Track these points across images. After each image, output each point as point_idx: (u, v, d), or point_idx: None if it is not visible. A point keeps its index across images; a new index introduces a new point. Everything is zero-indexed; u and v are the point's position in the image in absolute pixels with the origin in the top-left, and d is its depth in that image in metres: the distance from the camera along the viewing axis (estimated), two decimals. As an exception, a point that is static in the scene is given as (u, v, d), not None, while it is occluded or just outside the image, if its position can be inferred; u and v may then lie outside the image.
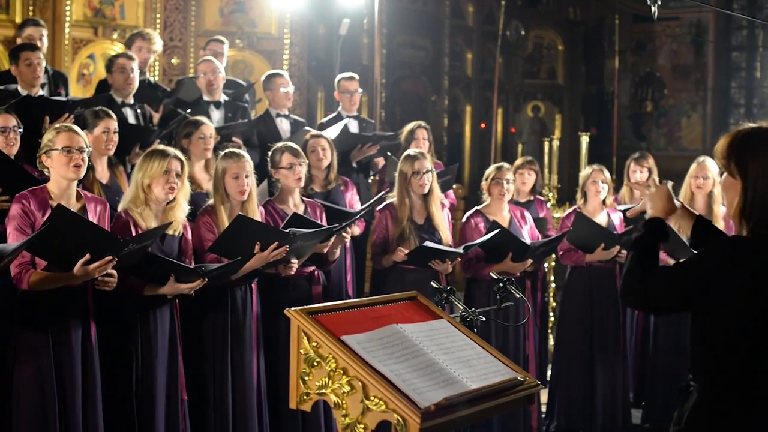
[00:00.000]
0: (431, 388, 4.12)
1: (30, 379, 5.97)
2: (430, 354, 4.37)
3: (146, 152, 6.70)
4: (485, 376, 4.41)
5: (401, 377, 4.12)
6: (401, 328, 4.46)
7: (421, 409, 3.98)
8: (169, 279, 6.39)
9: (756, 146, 3.84)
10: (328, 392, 4.23)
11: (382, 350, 4.26)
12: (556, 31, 21.53)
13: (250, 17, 14.55)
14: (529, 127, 21.28)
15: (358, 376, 4.12)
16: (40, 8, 13.04)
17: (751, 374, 3.76)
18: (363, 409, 4.12)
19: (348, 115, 10.19)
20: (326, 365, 4.23)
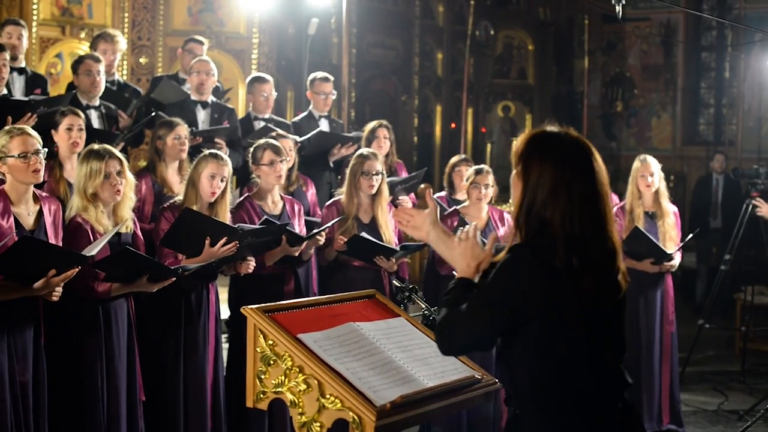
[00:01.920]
0: (387, 386, 4.13)
1: None
2: (387, 352, 4.37)
3: (81, 157, 6.59)
4: (442, 374, 4.41)
5: (357, 375, 4.12)
6: (358, 327, 4.46)
7: (376, 407, 3.98)
8: (138, 277, 6.37)
9: (542, 153, 3.69)
10: (284, 391, 4.23)
11: (339, 348, 4.27)
12: (526, 31, 21.55)
13: (219, 16, 14.52)
14: (500, 127, 21.30)
15: (314, 374, 4.13)
16: (7, 7, 12.98)
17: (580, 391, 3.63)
18: (319, 407, 4.12)
19: (320, 115, 10.19)
20: (282, 364, 4.23)
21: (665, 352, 9.01)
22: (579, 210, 3.60)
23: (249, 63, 14.46)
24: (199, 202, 7.07)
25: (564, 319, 3.60)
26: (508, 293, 3.60)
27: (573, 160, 3.66)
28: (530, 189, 3.65)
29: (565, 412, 3.64)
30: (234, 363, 7.65)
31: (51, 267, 5.74)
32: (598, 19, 21.13)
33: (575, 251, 3.56)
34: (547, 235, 3.60)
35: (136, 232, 6.73)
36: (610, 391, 3.69)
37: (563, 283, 3.57)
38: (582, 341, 3.62)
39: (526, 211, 3.65)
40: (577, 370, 3.63)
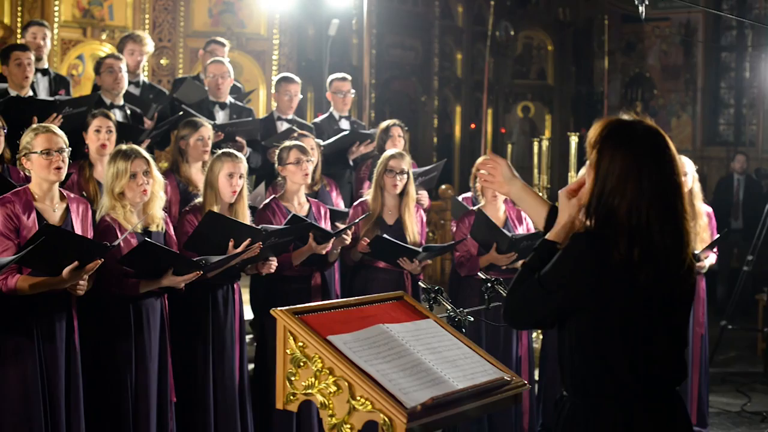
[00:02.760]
0: (417, 388, 4.11)
1: (15, 383, 5.95)
2: (416, 354, 4.36)
3: (109, 157, 6.67)
4: (472, 375, 4.40)
5: (387, 377, 4.11)
6: (388, 328, 4.45)
7: (407, 409, 3.97)
8: (165, 273, 6.38)
9: (614, 142, 3.69)
10: (314, 392, 4.22)
11: (369, 350, 4.25)
12: (545, 32, 21.52)
13: (239, 18, 14.54)
14: (519, 128, 21.28)
15: (344, 376, 4.12)
16: (29, 9, 13.03)
17: (622, 382, 3.67)
18: (349, 409, 4.11)
19: (340, 116, 10.20)
20: (312, 365, 4.22)
21: (695, 354, 8.95)
22: (647, 201, 3.60)
23: (270, 64, 14.47)
24: (219, 202, 7.09)
25: (612, 312, 3.64)
26: (558, 281, 3.66)
27: (645, 149, 3.67)
28: (600, 177, 3.66)
29: (608, 402, 3.70)
30: (260, 364, 7.67)
31: (74, 258, 5.77)
32: (618, 19, 21.09)
33: (637, 243, 3.57)
34: (613, 224, 3.61)
35: (168, 231, 6.78)
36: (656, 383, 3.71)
37: (617, 276, 3.60)
38: (629, 335, 3.65)
39: (596, 199, 3.66)
40: (621, 362, 3.66)
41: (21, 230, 5.92)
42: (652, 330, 3.67)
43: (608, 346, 3.67)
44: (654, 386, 3.71)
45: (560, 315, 3.73)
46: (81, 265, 5.81)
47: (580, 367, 3.75)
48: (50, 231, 5.72)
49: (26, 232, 5.83)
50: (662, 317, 3.68)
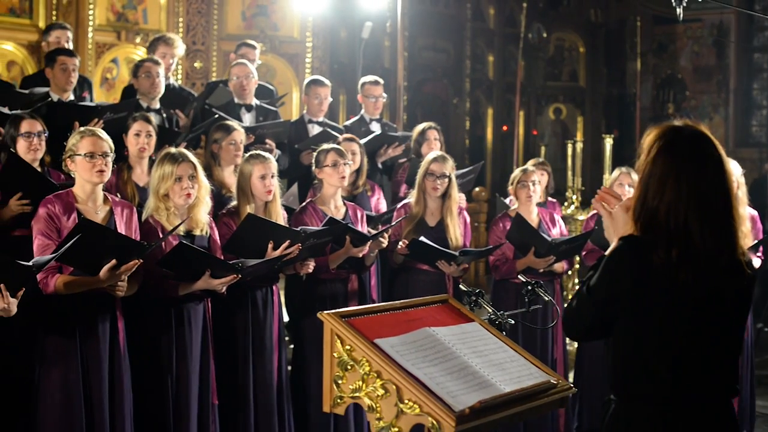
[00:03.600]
0: (465, 392, 4.12)
1: (56, 384, 5.98)
2: (463, 357, 4.36)
3: (157, 160, 6.71)
4: (518, 379, 4.40)
5: (435, 380, 4.11)
6: (434, 332, 4.45)
7: (455, 413, 3.97)
8: (202, 275, 6.41)
9: (657, 146, 3.70)
10: (362, 396, 4.22)
11: (416, 353, 4.26)
12: (577, 34, 21.48)
13: (273, 21, 14.57)
14: (551, 130, 21.24)
15: (392, 379, 4.12)
16: (63, 13, 13.09)
17: (661, 387, 3.66)
18: (397, 412, 4.11)
19: (371, 119, 10.20)
20: (360, 369, 4.22)
21: (740, 358, 8.86)
22: (685, 202, 3.60)
23: (303, 67, 14.50)
24: (253, 203, 7.11)
25: (652, 316, 3.64)
26: (601, 286, 3.69)
27: (685, 151, 3.67)
28: (643, 181, 3.68)
29: (649, 407, 3.68)
30: (296, 366, 7.68)
31: (112, 257, 5.80)
32: (650, 20, 21.03)
33: (676, 244, 3.58)
34: (654, 228, 3.63)
35: (212, 236, 6.79)
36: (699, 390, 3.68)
37: (656, 279, 3.60)
38: (669, 339, 3.64)
39: (639, 205, 3.68)
40: (662, 367, 3.65)
41: (62, 231, 5.95)
42: (695, 335, 3.66)
43: (649, 350, 3.67)
44: (697, 393, 3.69)
45: (608, 321, 3.74)
46: (119, 264, 5.84)
47: (622, 370, 3.75)
48: (88, 225, 5.76)
49: (67, 233, 5.86)
50: (706, 322, 3.66)
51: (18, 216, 6.77)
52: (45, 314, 5.97)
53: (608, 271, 3.70)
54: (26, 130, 6.96)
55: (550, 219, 8.58)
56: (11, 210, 6.73)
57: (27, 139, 6.95)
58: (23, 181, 6.73)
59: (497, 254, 8.27)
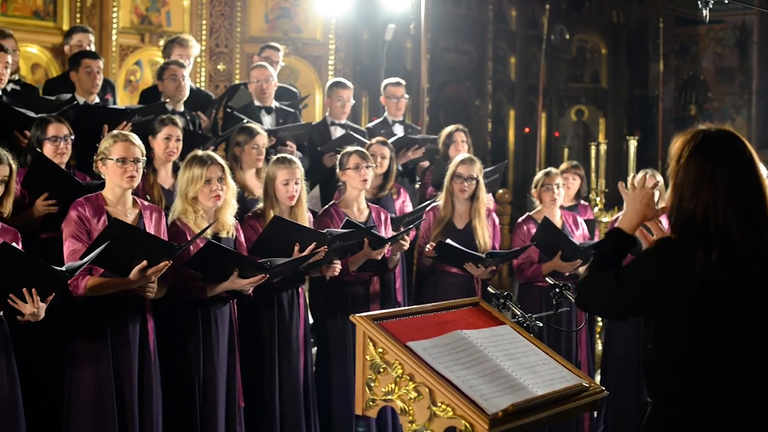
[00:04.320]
0: (498, 395, 4.12)
1: (88, 386, 6.02)
2: (495, 360, 4.36)
3: (185, 162, 6.72)
4: (550, 382, 4.40)
5: (468, 383, 4.12)
6: (466, 334, 4.46)
7: (488, 416, 3.98)
8: (230, 276, 6.40)
9: (688, 150, 3.75)
10: (394, 398, 4.23)
11: (448, 356, 4.26)
12: (599, 35, 21.42)
13: (296, 23, 14.57)
14: (573, 132, 21.19)
15: (425, 382, 4.13)
16: (87, 15, 13.12)
17: (696, 389, 3.68)
18: (430, 415, 4.12)
19: (394, 120, 10.22)
20: (392, 371, 4.23)
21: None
22: (723, 201, 3.63)
23: (326, 69, 14.50)
24: (278, 207, 7.12)
25: (689, 319, 3.66)
26: (633, 280, 3.74)
27: (717, 151, 3.70)
28: (677, 187, 3.72)
29: (685, 411, 3.71)
30: (321, 367, 7.68)
31: (142, 258, 5.82)
32: (671, 21, 20.95)
33: (715, 245, 3.60)
34: (692, 231, 3.65)
35: (238, 238, 6.81)
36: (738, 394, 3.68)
37: (695, 283, 3.62)
38: (705, 342, 3.67)
39: (675, 210, 3.72)
40: (698, 370, 3.68)
41: (92, 233, 5.98)
42: (731, 336, 3.66)
43: (684, 352, 3.69)
44: (733, 395, 3.68)
45: (632, 312, 3.85)
46: (149, 265, 5.85)
47: (658, 373, 3.78)
48: (119, 226, 5.79)
49: (97, 235, 5.88)
50: (743, 323, 3.66)
51: (45, 218, 6.79)
52: (75, 316, 5.99)
53: (643, 269, 3.74)
54: (53, 134, 6.99)
55: (573, 221, 8.59)
56: (38, 211, 6.75)
57: (53, 143, 6.97)
58: (49, 182, 6.75)
59: (522, 257, 8.28)
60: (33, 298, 5.35)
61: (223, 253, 6.34)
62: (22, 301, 5.34)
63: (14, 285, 5.34)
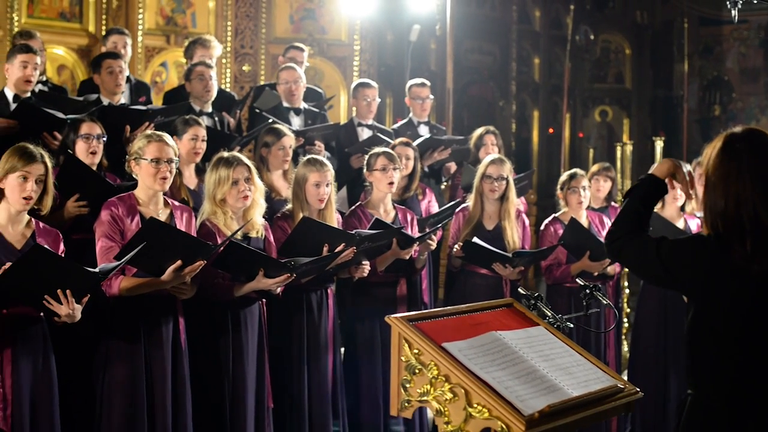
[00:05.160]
0: (533, 396, 4.12)
1: (120, 385, 6.05)
2: (530, 361, 4.36)
3: (212, 164, 6.73)
4: (586, 383, 4.39)
5: (503, 384, 4.11)
6: (501, 335, 4.45)
7: (525, 417, 3.97)
8: (256, 276, 6.40)
9: (717, 150, 3.84)
10: (429, 399, 4.22)
11: (483, 357, 4.26)
12: (623, 35, 21.36)
13: (320, 24, 14.58)
14: (597, 132, 21.14)
15: (460, 383, 4.12)
16: (113, 17, 13.18)
17: (733, 380, 3.73)
18: (466, 416, 4.11)
19: (419, 121, 10.22)
20: (428, 372, 4.22)
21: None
22: (751, 191, 3.72)
23: (351, 70, 14.49)
24: (307, 209, 7.11)
25: (726, 310, 3.73)
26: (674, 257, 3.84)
27: (743, 147, 3.79)
28: (709, 186, 3.82)
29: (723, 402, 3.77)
30: (348, 368, 7.69)
31: (177, 257, 5.85)
32: (695, 22, 20.88)
33: (750, 235, 3.69)
34: (726, 225, 3.74)
35: (267, 238, 6.82)
36: None
37: (733, 275, 3.70)
38: (741, 332, 3.73)
39: (709, 208, 3.80)
40: (736, 362, 3.74)
41: (125, 233, 6.01)
42: None
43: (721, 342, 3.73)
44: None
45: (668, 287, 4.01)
46: (183, 265, 5.86)
47: (698, 363, 3.83)
48: (156, 225, 5.81)
49: (130, 235, 5.90)
50: None
51: (76, 219, 6.81)
52: (108, 316, 6.01)
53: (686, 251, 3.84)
54: (85, 132, 7.03)
55: (600, 221, 8.60)
56: (68, 212, 6.78)
57: (86, 141, 7.01)
58: (81, 183, 6.77)
59: (550, 259, 8.27)
60: (68, 300, 5.39)
61: (247, 253, 6.35)
62: (57, 303, 5.38)
63: (49, 287, 5.38)
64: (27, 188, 5.66)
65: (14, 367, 5.64)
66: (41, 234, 5.80)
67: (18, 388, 5.65)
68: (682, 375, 8.77)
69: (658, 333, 8.85)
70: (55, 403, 5.83)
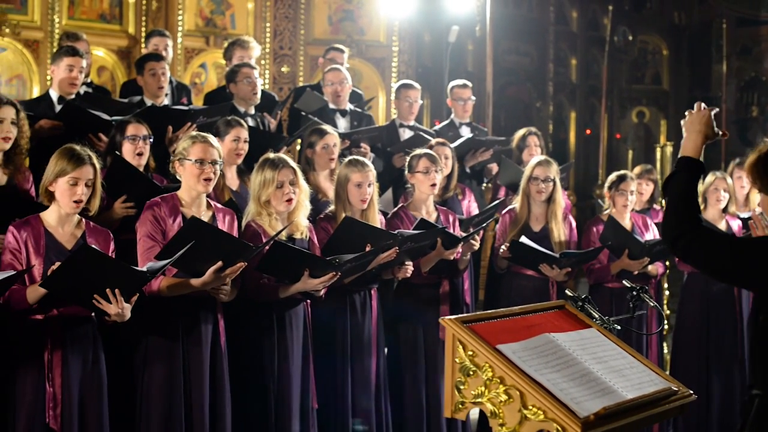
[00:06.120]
0: (588, 398, 4.10)
1: (158, 385, 6.06)
2: (584, 363, 4.34)
3: (257, 165, 6.71)
4: (639, 385, 4.37)
5: (558, 386, 4.10)
6: (554, 337, 4.44)
7: (580, 419, 3.96)
8: (301, 276, 6.41)
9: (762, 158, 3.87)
10: (484, 401, 4.21)
11: (537, 359, 4.25)
12: (660, 36, 21.30)
13: (359, 25, 14.58)
14: (634, 133, 21.10)
15: (515, 385, 4.11)
16: (153, 19, 13.24)
17: None
18: (521, 418, 4.10)
19: (461, 123, 10.21)
20: (482, 374, 4.21)
21: None
22: None
23: (389, 71, 14.48)
24: (350, 210, 7.11)
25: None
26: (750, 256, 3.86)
27: None
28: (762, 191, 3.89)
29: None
30: (391, 369, 7.69)
31: (218, 258, 5.84)
32: (733, 22, 20.79)
33: None
34: None
35: (312, 239, 6.81)
36: None
37: None
38: None
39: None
40: None
41: (167, 233, 6.01)
42: None
43: None
44: None
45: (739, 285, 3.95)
46: (224, 266, 5.87)
47: (760, 362, 3.83)
48: (199, 225, 5.82)
49: (172, 236, 5.91)
50: None
51: (123, 220, 6.83)
52: (149, 316, 6.02)
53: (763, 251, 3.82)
54: (132, 134, 7.02)
55: (643, 224, 8.57)
56: (116, 213, 6.78)
57: (132, 142, 7.01)
58: (128, 184, 6.78)
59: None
60: (117, 299, 5.42)
61: (292, 253, 6.34)
62: (106, 302, 5.41)
63: (98, 286, 5.41)
64: (77, 192, 5.69)
65: (64, 367, 5.68)
66: (91, 234, 5.83)
67: (67, 388, 5.69)
68: (724, 376, 8.76)
69: (700, 334, 8.83)
70: (104, 402, 5.86)
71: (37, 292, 5.49)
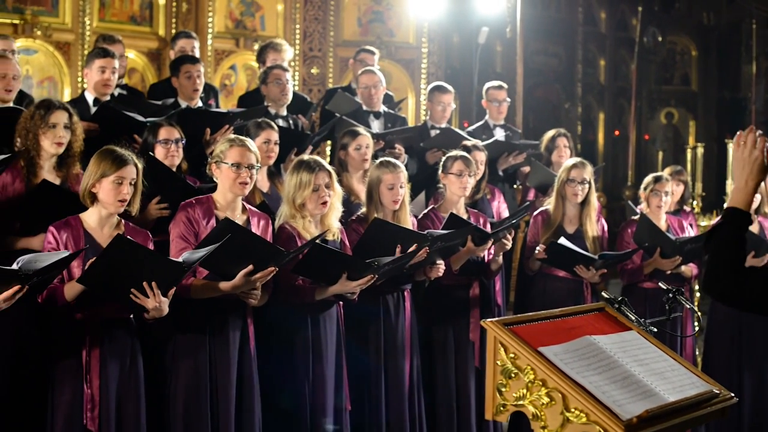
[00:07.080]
0: (630, 401, 4.09)
1: (184, 387, 6.08)
2: (625, 366, 4.33)
3: (292, 167, 6.71)
4: (681, 388, 4.36)
5: (600, 389, 4.09)
6: (595, 340, 4.44)
7: (623, 422, 3.95)
8: (339, 278, 6.41)
9: None
10: (526, 404, 4.21)
11: (579, 362, 4.24)
12: (689, 37, 21.23)
13: (389, 27, 14.57)
14: (663, 134, 21.03)
15: (558, 387, 4.11)
16: (183, 20, 13.26)
17: None
18: (563, 421, 4.10)
19: (495, 124, 10.21)
20: (524, 377, 4.21)
21: None
22: None
23: (418, 73, 14.46)
24: (381, 212, 7.11)
25: None
26: None
27: None
28: None
29: None
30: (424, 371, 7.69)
31: (249, 262, 5.85)
32: (762, 22, 20.71)
33: None
34: None
35: (343, 241, 6.82)
36: None
37: None
38: None
39: None
40: None
41: (200, 235, 6.02)
42: None
43: None
44: None
45: None
46: (255, 270, 5.88)
47: None
48: (233, 227, 5.82)
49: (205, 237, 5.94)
50: None
51: (158, 221, 6.85)
52: (177, 317, 6.03)
53: None
54: (164, 138, 7.05)
55: (679, 226, 8.56)
56: (150, 214, 6.78)
57: (165, 146, 7.04)
58: (162, 185, 6.79)
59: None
60: (154, 293, 5.44)
61: (331, 255, 6.35)
62: (143, 296, 5.43)
63: (134, 279, 5.44)
64: (123, 191, 5.73)
65: (102, 368, 5.73)
66: (131, 234, 5.85)
67: (105, 389, 5.73)
68: (756, 377, 8.73)
69: (732, 336, 8.80)
70: (141, 403, 5.90)
71: (75, 289, 5.53)
